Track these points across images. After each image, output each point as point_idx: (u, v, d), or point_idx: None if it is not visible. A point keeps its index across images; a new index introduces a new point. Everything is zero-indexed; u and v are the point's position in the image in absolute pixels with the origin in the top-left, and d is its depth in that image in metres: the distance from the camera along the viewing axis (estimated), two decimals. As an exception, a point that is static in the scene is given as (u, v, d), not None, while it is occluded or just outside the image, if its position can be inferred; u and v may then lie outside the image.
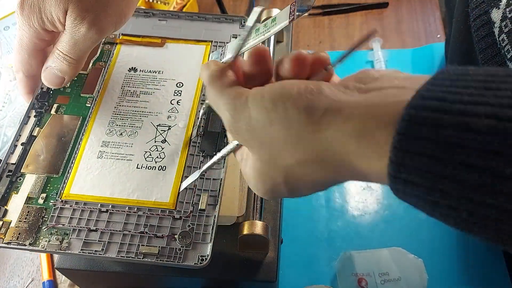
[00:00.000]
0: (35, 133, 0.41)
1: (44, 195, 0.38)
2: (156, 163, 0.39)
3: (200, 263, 0.35)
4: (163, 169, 0.39)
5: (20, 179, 0.39)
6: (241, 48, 0.31)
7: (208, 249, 0.35)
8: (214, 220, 0.36)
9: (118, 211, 0.37)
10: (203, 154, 0.40)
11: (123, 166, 0.39)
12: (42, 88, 0.44)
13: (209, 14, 0.50)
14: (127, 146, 0.40)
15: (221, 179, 0.38)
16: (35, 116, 0.42)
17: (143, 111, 0.42)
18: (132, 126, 0.41)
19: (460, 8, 0.50)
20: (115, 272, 0.40)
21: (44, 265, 0.51)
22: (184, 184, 0.38)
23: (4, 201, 0.38)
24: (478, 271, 0.49)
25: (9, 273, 0.52)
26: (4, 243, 0.35)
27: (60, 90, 0.44)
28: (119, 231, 0.36)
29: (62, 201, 0.37)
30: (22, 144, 0.40)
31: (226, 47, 0.45)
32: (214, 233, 0.36)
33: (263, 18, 0.52)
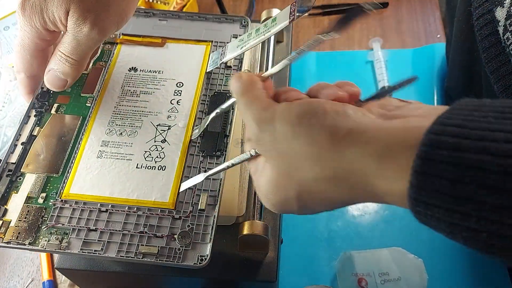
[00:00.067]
0: (35, 132, 0.41)
1: (44, 194, 0.38)
2: (155, 163, 0.39)
3: (200, 263, 0.35)
4: (163, 169, 0.39)
5: (20, 179, 0.39)
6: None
7: (208, 249, 0.35)
8: (214, 220, 0.36)
9: (118, 210, 0.37)
10: (203, 154, 0.40)
11: (123, 166, 0.39)
12: (43, 87, 0.44)
13: (209, 14, 0.50)
14: (127, 145, 0.40)
15: (221, 179, 0.38)
16: (35, 115, 0.42)
17: (143, 111, 0.42)
18: (132, 126, 0.41)
19: (462, 7, 0.49)
20: (115, 272, 0.40)
21: (44, 265, 0.51)
22: (186, 185, 0.38)
23: (4, 200, 0.38)
24: (478, 271, 0.49)
25: (9, 273, 0.52)
26: (4, 243, 0.35)
27: (60, 89, 0.44)
28: (119, 230, 0.36)
29: (62, 200, 0.37)
30: (22, 143, 0.40)
31: (226, 47, 0.45)
32: (213, 233, 0.36)
33: (263, 18, 0.52)
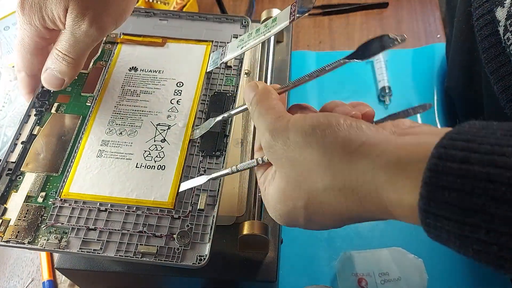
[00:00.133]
0: (35, 131, 0.41)
1: (43, 193, 0.38)
2: (155, 162, 0.39)
3: (199, 263, 0.35)
4: (163, 168, 0.39)
5: (19, 178, 0.39)
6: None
7: (207, 249, 0.35)
8: (213, 220, 0.36)
9: (117, 210, 0.37)
10: (203, 154, 0.40)
11: (123, 165, 0.39)
12: (43, 87, 0.44)
13: (210, 14, 0.50)
14: (127, 145, 0.40)
15: (220, 179, 0.38)
16: (35, 115, 0.42)
17: (143, 111, 0.42)
18: (132, 125, 0.41)
19: (462, 8, 0.49)
20: (115, 272, 0.40)
21: (44, 265, 0.51)
22: (186, 185, 0.38)
23: (3, 199, 0.38)
24: (478, 271, 0.49)
25: (9, 273, 0.52)
26: (3, 242, 0.35)
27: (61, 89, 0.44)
28: (118, 230, 0.36)
29: (61, 200, 0.37)
30: (22, 142, 0.40)
31: (226, 47, 0.45)
32: (212, 233, 0.36)
33: (263, 18, 0.52)
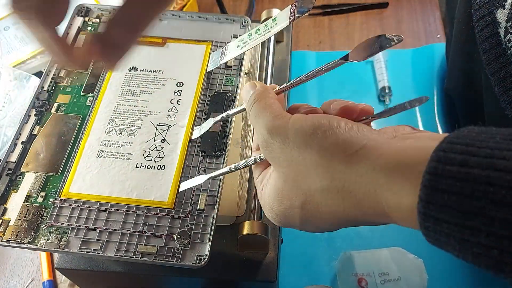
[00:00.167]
0: (35, 131, 0.41)
1: (43, 193, 0.38)
2: (155, 162, 0.39)
3: (198, 263, 0.35)
4: (162, 168, 0.39)
5: (19, 178, 0.39)
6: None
7: (207, 249, 0.35)
8: (213, 220, 0.36)
9: (117, 210, 0.37)
10: (203, 154, 0.40)
11: (123, 165, 0.39)
12: (43, 87, 0.44)
13: (210, 14, 0.50)
14: (127, 145, 0.40)
15: (220, 179, 0.38)
16: (35, 114, 0.42)
17: (143, 111, 0.42)
18: (132, 125, 0.41)
19: (461, 9, 0.49)
20: (115, 272, 0.40)
21: (44, 265, 0.51)
22: (186, 185, 0.38)
23: (3, 199, 0.38)
24: (478, 271, 0.48)
25: (9, 273, 0.52)
26: (3, 242, 0.35)
27: (61, 89, 0.44)
28: (118, 230, 0.36)
29: (61, 199, 0.37)
30: (22, 142, 0.41)
31: (226, 47, 0.45)
32: (212, 233, 0.36)
33: (263, 18, 0.52)
